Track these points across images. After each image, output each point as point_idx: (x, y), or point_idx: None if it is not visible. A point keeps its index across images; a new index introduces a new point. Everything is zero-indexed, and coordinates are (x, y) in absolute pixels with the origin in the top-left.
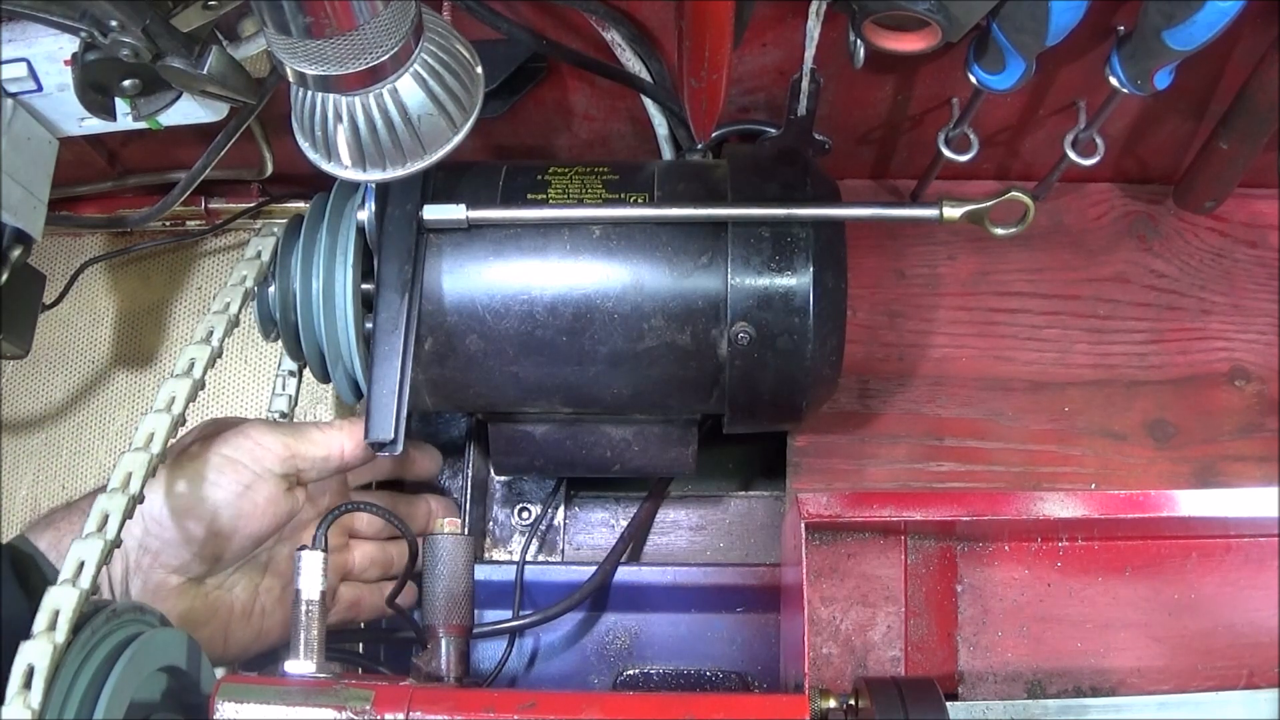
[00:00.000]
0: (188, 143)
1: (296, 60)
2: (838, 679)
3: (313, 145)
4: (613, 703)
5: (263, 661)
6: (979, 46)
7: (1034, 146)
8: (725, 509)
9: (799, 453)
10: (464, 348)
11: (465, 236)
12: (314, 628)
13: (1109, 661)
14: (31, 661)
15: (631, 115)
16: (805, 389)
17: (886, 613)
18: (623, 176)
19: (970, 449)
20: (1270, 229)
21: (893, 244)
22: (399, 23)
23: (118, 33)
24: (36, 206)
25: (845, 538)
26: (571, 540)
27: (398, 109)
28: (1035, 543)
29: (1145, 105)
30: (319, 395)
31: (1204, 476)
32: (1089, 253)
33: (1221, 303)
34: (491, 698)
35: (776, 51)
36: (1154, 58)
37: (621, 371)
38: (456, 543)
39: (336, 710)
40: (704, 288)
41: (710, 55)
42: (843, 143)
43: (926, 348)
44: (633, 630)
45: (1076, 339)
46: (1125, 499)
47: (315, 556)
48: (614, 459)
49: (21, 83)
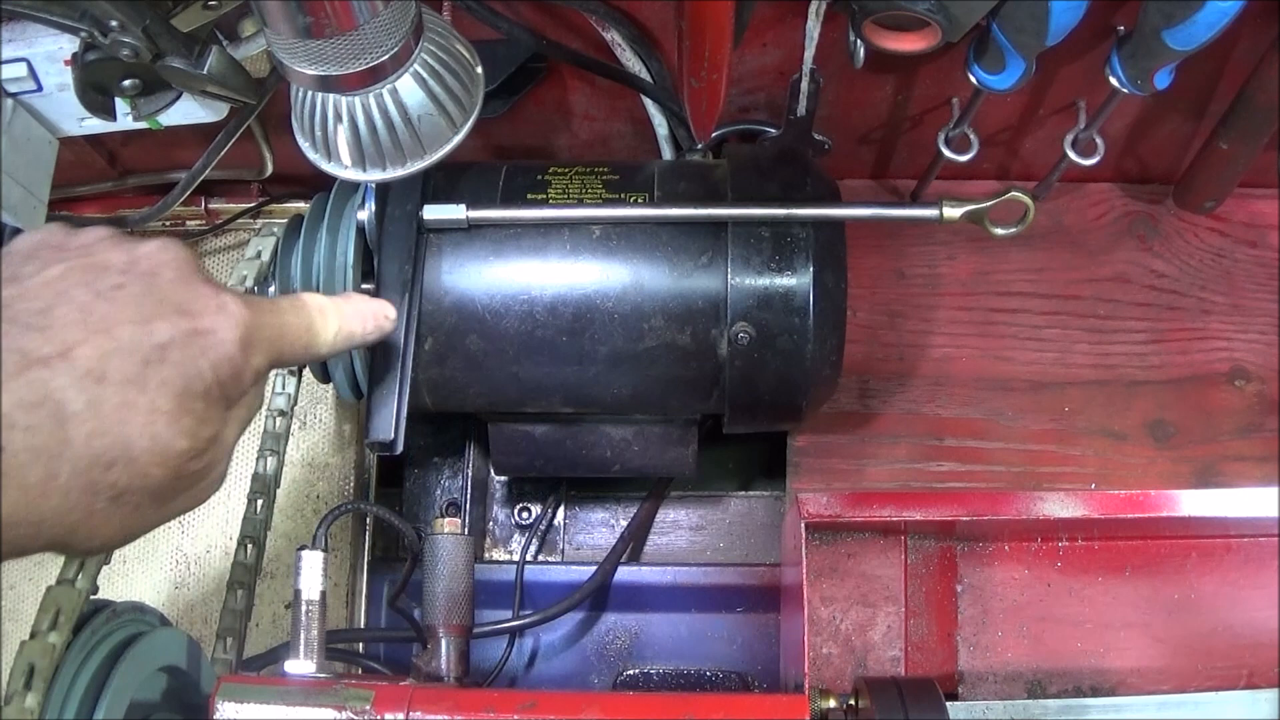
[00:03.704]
0: (188, 143)
1: (296, 60)
2: (838, 679)
3: (313, 145)
4: (613, 703)
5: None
6: (979, 46)
7: (1034, 146)
8: (725, 509)
9: (799, 453)
10: (464, 348)
11: (465, 236)
12: (314, 628)
13: (1109, 661)
14: (32, 661)
15: (631, 115)
16: (805, 389)
17: (886, 613)
18: (623, 176)
19: (970, 449)
20: (1270, 229)
21: (893, 244)
22: (399, 23)
23: (118, 33)
24: (36, 206)
25: (845, 538)
26: (571, 540)
27: (398, 109)
28: (1035, 543)
29: (1145, 105)
30: (319, 395)
31: (1204, 476)
32: (1089, 253)
33: (1221, 303)
34: (491, 698)
35: (776, 51)
36: (1154, 58)
37: (621, 371)
38: (456, 543)
39: (336, 710)
40: (704, 288)
41: (710, 55)
42: (843, 143)
43: (926, 348)
44: (633, 630)
45: (1076, 339)
46: (1125, 499)
47: (315, 556)
48: (614, 459)
49: (21, 83)
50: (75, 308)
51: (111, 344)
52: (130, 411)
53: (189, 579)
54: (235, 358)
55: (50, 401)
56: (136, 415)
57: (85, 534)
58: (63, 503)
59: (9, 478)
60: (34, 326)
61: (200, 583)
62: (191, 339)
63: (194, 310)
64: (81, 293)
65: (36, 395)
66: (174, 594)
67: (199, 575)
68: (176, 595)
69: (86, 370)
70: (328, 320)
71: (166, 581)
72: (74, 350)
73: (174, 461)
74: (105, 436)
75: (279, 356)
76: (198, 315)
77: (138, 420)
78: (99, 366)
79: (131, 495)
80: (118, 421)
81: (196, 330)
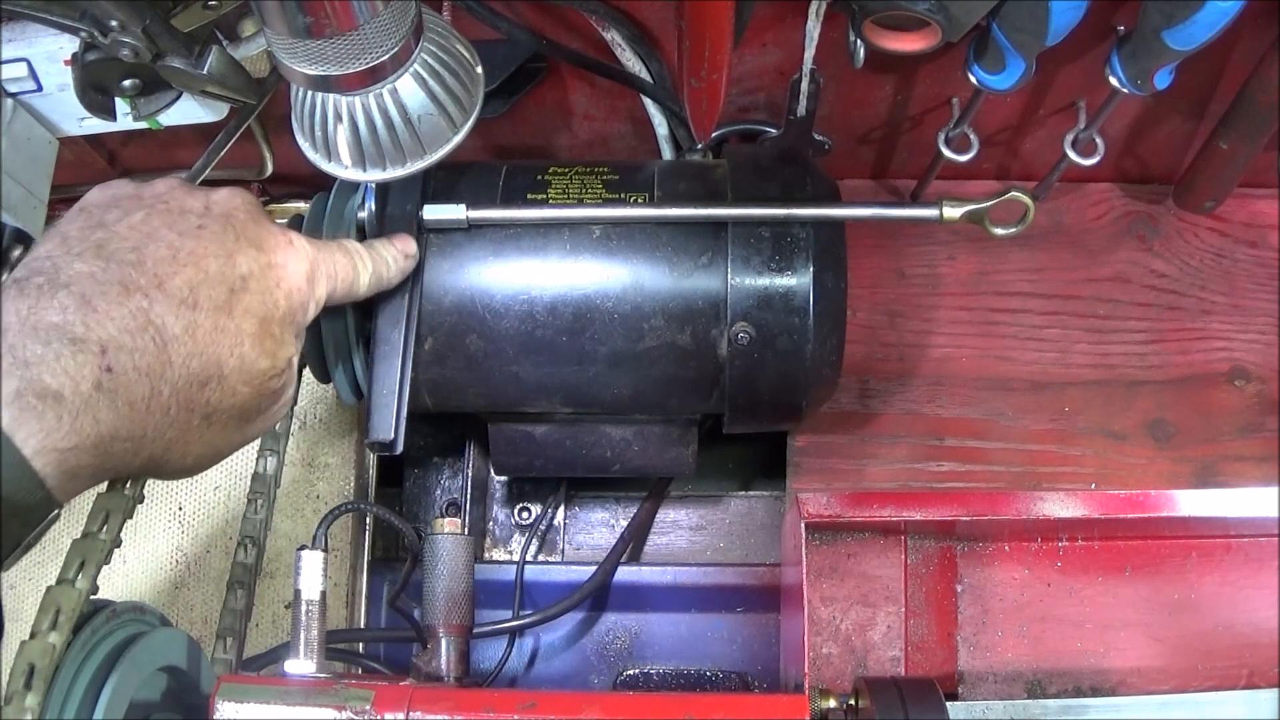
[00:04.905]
0: (188, 143)
1: (296, 60)
2: (838, 679)
3: (313, 145)
4: (613, 703)
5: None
6: (979, 46)
7: (1034, 146)
8: (725, 509)
9: (799, 453)
10: (464, 348)
11: (465, 236)
12: (314, 628)
13: (1109, 661)
14: (32, 661)
15: (631, 115)
16: (805, 389)
17: (886, 613)
18: (623, 176)
19: (970, 449)
20: (1270, 229)
21: (893, 244)
22: (399, 23)
23: (118, 33)
24: (36, 206)
25: (845, 538)
26: (571, 540)
27: (398, 109)
28: (1035, 543)
29: (1145, 105)
30: (319, 395)
31: (1204, 476)
32: (1089, 253)
33: (1221, 303)
34: (491, 698)
35: (776, 51)
36: (1154, 58)
37: (621, 371)
38: (456, 543)
39: (336, 710)
40: (704, 288)
41: (710, 55)
42: (843, 143)
43: (926, 348)
44: (633, 630)
45: (1076, 339)
46: (1125, 499)
47: (315, 556)
48: (614, 459)
49: (21, 83)
50: (164, 245)
51: (200, 275)
52: (221, 335)
53: (189, 579)
54: (304, 288)
55: (151, 326)
56: (226, 338)
57: (180, 451)
58: (163, 419)
59: (119, 395)
60: (129, 262)
61: (200, 583)
62: (268, 271)
63: (268, 246)
64: (167, 232)
65: (139, 322)
66: (174, 594)
67: (199, 575)
68: (176, 595)
69: (181, 299)
70: (366, 263)
71: (166, 581)
72: (168, 281)
73: (258, 380)
74: (201, 357)
75: (333, 291)
76: (272, 250)
77: (227, 342)
78: (191, 295)
79: (222, 413)
80: (211, 344)
81: (271, 264)
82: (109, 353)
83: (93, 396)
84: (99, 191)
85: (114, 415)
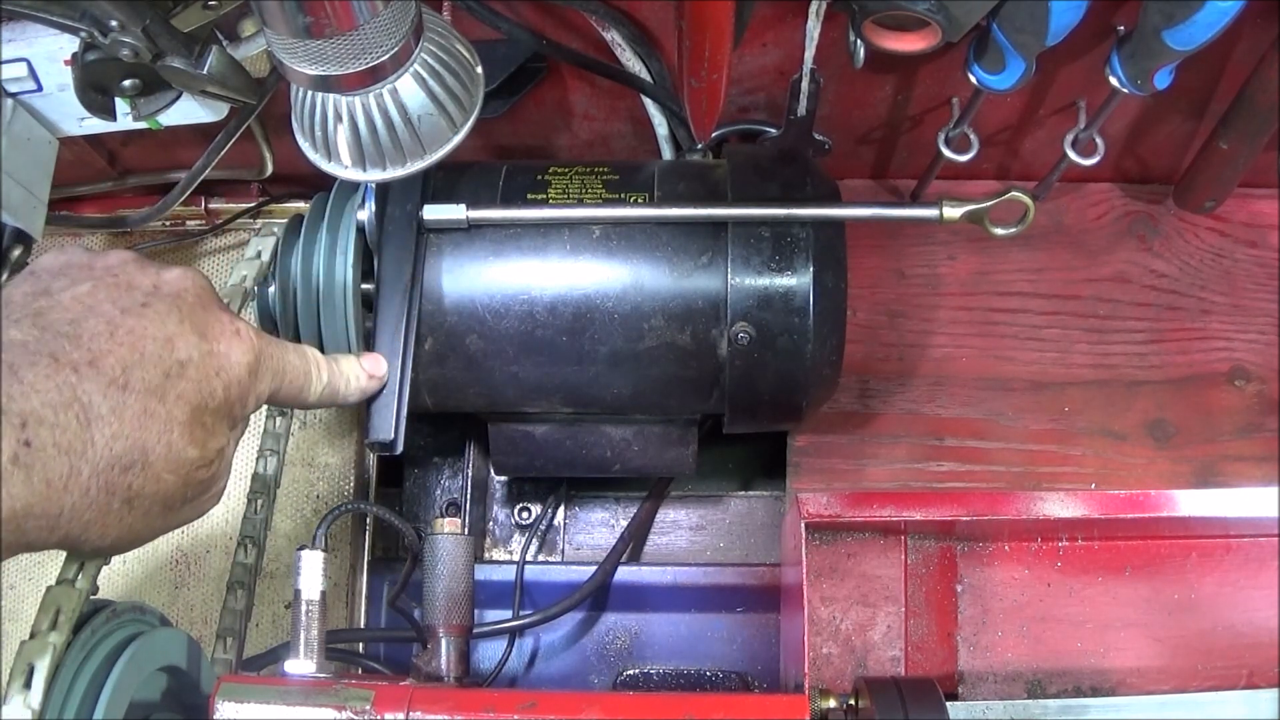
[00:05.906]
0: (188, 143)
1: (296, 60)
2: (838, 679)
3: (313, 145)
4: (613, 703)
5: (263, 662)
6: (979, 46)
7: (1034, 146)
8: (725, 509)
9: (799, 453)
10: (464, 348)
11: (465, 236)
12: (314, 628)
13: (1109, 661)
14: (32, 661)
15: (631, 115)
16: (805, 389)
17: (886, 613)
18: (623, 176)
19: (970, 449)
20: (1270, 229)
21: (893, 244)
22: (399, 23)
23: (118, 33)
24: (36, 206)
25: (845, 538)
26: (571, 540)
27: (398, 109)
28: (1035, 543)
29: (1145, 105)
30: None
31: (1204, 476)
32: (1089, 253)
33: (1221, 303)
34: (491, 698)
35: (776, 51)
36: (1154, 58)
37: (621, 371)
38: (456, 543)
39: (336, 710)
40: (704, 288)
41: (710, 55)
42: (843, 143)
43: (926, 348)
44: (633, 630)
45: (1076, 339)
46: (1125, 499)
47: (315, 556)
48: (614, 459)
49: (21, 83)
50: (104, 321)
51: (135, 355)
52: (150, 419)
53: (189, 579)
54: (244, 380)
55: (77, 403)
56: (155, 423)
57: (97, 533)
58: (81, 500)
59: (35, 471)
60: (65, 335)
61: (200, 583)
62: (208, 359)
63: (212, 334)
64: (110, 308)
65: (65, 397)
66: (174, 594)
67: (199, 575)
68: (176, 595)
69: (111, 378)
70: (321, 373)
71: (166, 581)
72: (101, 359)
73: (185, 469)
74: (125, 440)
75: (279, 389)
76: (215, 338)
77: (155, 427)
78: (124, 375)
79: (143, 499)
80: (138, 427)
81: (213, 352)
82: (29, 426)
83: (8, 470)
84: (52, 256)
85: (28, 491)
